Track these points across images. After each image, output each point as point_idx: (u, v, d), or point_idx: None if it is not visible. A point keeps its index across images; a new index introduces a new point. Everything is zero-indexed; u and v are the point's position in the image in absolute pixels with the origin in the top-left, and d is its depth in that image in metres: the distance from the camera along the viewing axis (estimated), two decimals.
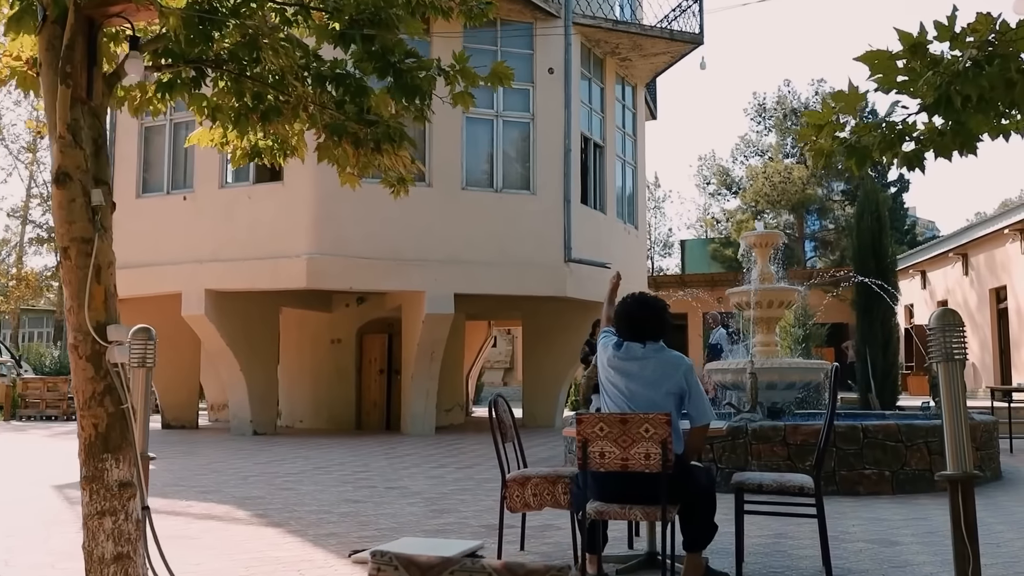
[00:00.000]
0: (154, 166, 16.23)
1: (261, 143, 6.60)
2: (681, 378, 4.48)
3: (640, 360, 4.53)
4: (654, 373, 4.48)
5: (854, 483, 7.97)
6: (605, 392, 4.63)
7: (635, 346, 4.58)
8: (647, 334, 4.59)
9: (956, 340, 4.08)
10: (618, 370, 4.54)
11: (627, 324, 4.67)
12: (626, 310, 4.72)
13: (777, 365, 9.40)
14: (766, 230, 11.16)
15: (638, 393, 4.48)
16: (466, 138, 15.31)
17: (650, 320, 4.64)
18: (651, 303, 4.75)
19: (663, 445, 4.18)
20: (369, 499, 7.87)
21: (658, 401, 4.44)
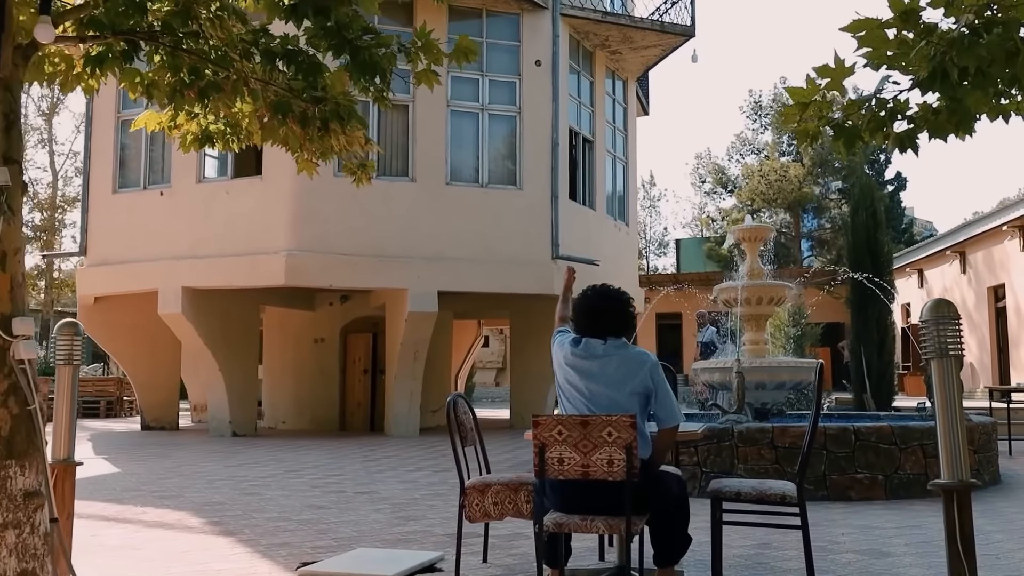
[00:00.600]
0: (131, 160, 15.82)
1: (212, 127, 6.21)
2: (646, 376, 4.08)
3: (601, 358, 4.13)
4: (617, 371, 4.08)
5: (845, 488, 7.58)
6: (563, 394, 4.23)
7: (595, 342, 4.19)
8: (609, 329, 4.20)
9: (951, 334, 3.68)
10: (577, 369, 4.14)
11: (586, 318, 4.27)
12: (586, 303, 4.32)
13: (766, 364, 9.00)
14: (756, 223, 10.76)
15: (599, 394, 4.08)
16: (450, 132, 14.91)
17: (611, 313, 4.25)
18: (613, 295, 4.35)
19: (628, 450, 3.78)
20: (335, 505, 7.47)
21: (621, 402, 4.05)
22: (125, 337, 16.78)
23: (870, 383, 14.06)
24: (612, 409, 4.02)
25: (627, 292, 4.43)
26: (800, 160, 35.81)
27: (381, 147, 14.58)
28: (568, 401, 4.19)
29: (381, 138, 14.63)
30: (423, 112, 14.69)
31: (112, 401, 22.73)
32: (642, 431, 4.10)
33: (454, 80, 14.97)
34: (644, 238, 45.91)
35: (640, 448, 4.03)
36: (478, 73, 15.14)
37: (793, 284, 9.70)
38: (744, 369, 8.36)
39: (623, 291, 4.41)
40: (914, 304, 25.48)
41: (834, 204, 36.48)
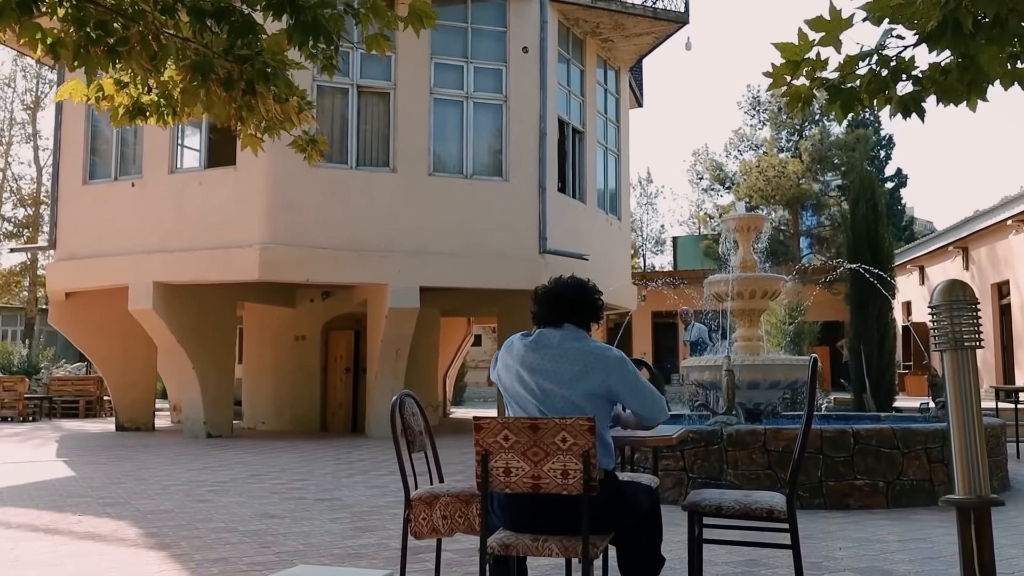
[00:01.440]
0: (101, 150, 15.23)
1: (144, 98, 5.63)
2: (608, 375, 3.50)
3: (556, 350, 3.55)
4: (573, 367, 3.50)
5: (843, 495, 7.00)
6: (511, 399, 3.64)
7: (551, 333, 3.61)
8: (568, 315, 3.63)
9: (967, 321, 3.11)
10: (528, 366, 3.55)
11: (544, 304, 3.70)
12: (547, 288, 3.76)
13: (759, 362, 8.41)
14: (749, 212, 10.17)
15: (553, 393, 3.50)
16: (433, 120, 14.32)
17: (576, 300, 3.67)
18: (579, 281, 3.79)
19: (585, 459, 3.20)
20: (289, 514, 6.89)
21: (578, 403, 3.47)
22: (98, 334, 16.20)
23: (870, 383, 13.48)
24: (568, 411, 3.44)
25: (597, 286, 3.87)
26: (799, 156, 35.21)
27: (363, 136, 14.04)
28: (518, 405, 3.60)
29: (360, 127, 14.06)
30: (405, 100, 14.10)
31: (92, 401, 22.13)
32: (604, 438, 3.53)
33: (437, 67, 14.39)
34: (641, 236, 45.33)
35: (601, 457, 3.46)
36: (463, 60, 14.56)
37: (787, 277, 9.12)
38: (735, 367, 7.78)
39: (591, 282, 3.85)
40: (915, 302, 24.89)
41: (833, 201, 35.88)
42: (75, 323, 16.14)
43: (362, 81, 14.02)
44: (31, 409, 20.69)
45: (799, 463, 3.92)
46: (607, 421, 3.60)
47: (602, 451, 3.47)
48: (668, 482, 7.22)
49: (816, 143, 34.84)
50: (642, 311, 30.94)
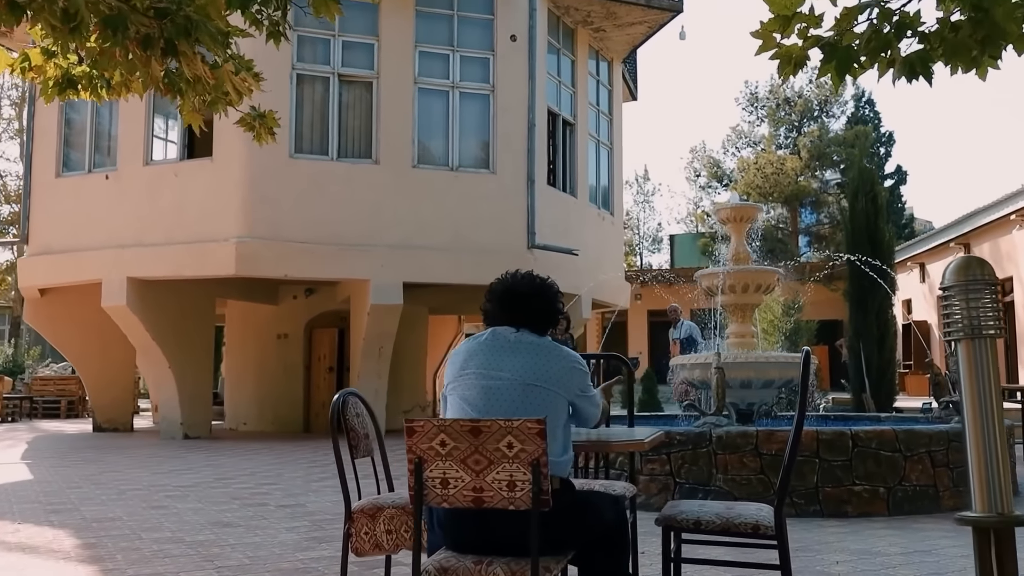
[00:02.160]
0: (75, 142, 14.74)
1: (75, 70, 5.16)
2: (567, 375, 3.07)
3: (511, 349, 3.09)
4: (527, 364, 3.04)
5: (841, 502, 6.51)
6: (462, 401, 3.16)
7: (505, 331, 3.16)
8: (525, 319, 3.18)
9: (986, 305, 2.64)
10: (477, 369, 3.09)
11: (498, 303, 3.24)
12: (502, 284, 3.29)
13: (752, 359, 7.93)
14: (741, 202, 9.69)
15: (503, 395, 3.02)
16: (418, 110, 13.83)
17: (531, 300, 3.22)
18: (537, 278, 3.33)
19: (535, 468, 2.71)
20: (246, 521, 6.40)
21: (532, 402, 3.00)
22: (74, 332, 15.72)
23: (870, 382, 12.99)
24: (520, 410, 2.97)
25: (556, 284, 3.40)
26: (797, 153, 34.74)
27: (344, 127, 13.55)
28: (466, 404, 3.13)
29: (342, 117, 13.58)
30: (388, 89, 13.61)
31: (74, 401, 21.64)
32: (562, 440, 3.06)
33: (422, 55, 13.90)
34: (637, 234, 44.83)
35: (556, 463, 2.98)
36: (448, 48, 14.07)
37: (782, 270, 8.65)
38: (725, 364, 7.29)
39: (551, 281, 3.38)
40: (916, 300, 24.43)
41: (833, 198, 35.40)
42: (51, 321, 15.66)
43: (344, 69, 13.53)
44: (10, 410, 20.19)
45: (789, 470, 3.43)
46: (565, 420, 3.12)
47: (557, 457, 2.99)
48: (653, 487, 6.75)
49: (815, 139, 34.38)
50: (638, 309, 30.48)
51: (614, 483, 4.23)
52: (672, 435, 6.75)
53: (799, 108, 36.55)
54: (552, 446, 2.97)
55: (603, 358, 4.76)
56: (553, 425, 2.99)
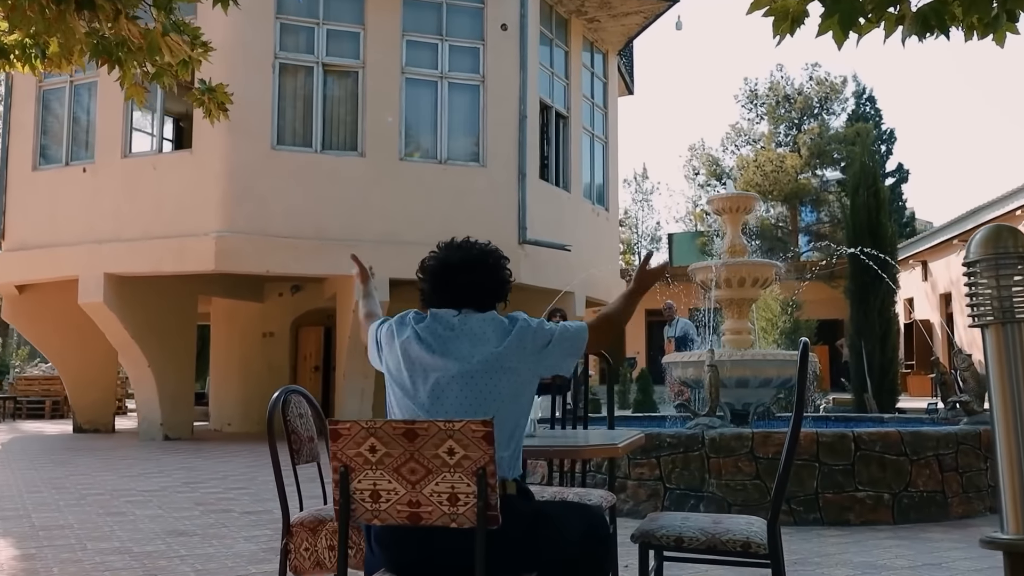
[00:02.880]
0: (53, 134, 14.30)
1: (6, 39, 4.75)
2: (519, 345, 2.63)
3: (454, 335, 2.66)
4: (475, 353, 2.61)
5: (843, 509, 6.07)
6: (395, 403, 2.72)
7: (446, 315, 2.70)
8: (466, 295, 2.71)
9: (1019, 283, 2.21)
10: (414, 360, 2.64)
11: (434, 280, 2.80)
12: (435, 259, 2.83)
13: (748, 357, 7.49)
14: (738, 191, 9.26)
15: (449, 389, 2.59)
16: (405, 101, 13.40)
17: (474, 271, 2.77)
18: (475, 246, 2.86)
19: (480, 478, 2.28)
20: (204, 530, 5.97)
21: (487, 399, 2.56)
22: (54, 331, 15.29)
23: (871, 381, 12.55)
24: (470, 409, 2.54)
25: (500, 250, 2.94)
26: (797, 150, 34.28)
27: (329, 118, 13.12)
28: (399, 409, 2.69)
29: (327, 108, 13.14)
30: (374, 79, 13.18)
31: (59, 401, 21.19)
32: (513, 439, 2.61)
33: (409, 44, 13.47)
34: (636, 232, 44.39)
35: (507, 467, 2.55)
36: (437, 37, 13.64)
37: (780, 263, 8.22)
38: (720, 362, 6.85)
39: (493, 246, 2.92)
40: (918, 299, 23.98)
41: (833, 197, 34.94)
42: (30, 319, 15.25)
43: (328, 59, 13.10)
44: None
45: (784, 480, 2.98)
46: (527, 410, 2.68)
47: (509, 459, 2.56)
48: (642, 493, 6.31)
49: (815, 137, 33.92)
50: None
51: (590, 491, 3.80)
52: (662, 437, 6.32)
53: (799, 105, 36.09)
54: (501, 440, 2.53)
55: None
56: (508, 415, 2.57)
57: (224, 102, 4.86)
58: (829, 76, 36.24)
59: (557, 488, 3.88)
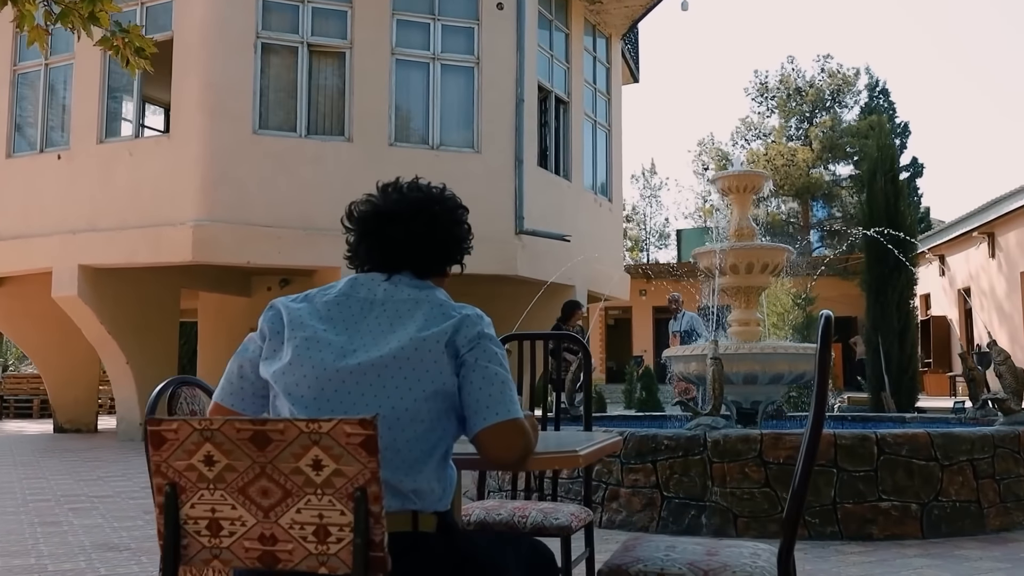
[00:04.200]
0: (27, 120, 13.66)
1: None
2: (450, 339, 1.89)
3: (370, 312, 1.93)
4: (388, 338, 1.88)
5: (864, 522, 5.34)
6: (282, 410, 1.98)
7: (371, 281, 1.99)
8: (404, 253, 2.01)
9: None
10: (310, 343, 1.89)
11: (363, 230, 2.07)
12: (369, 204, 2.10)
13: (756, 350, 6.76)
14: (746, 169, 8.52)
15: (347, 388, 1.85)
16: (395, 84, 12.68)
17: (416, 219, 2.05)
18: (425, 187, 2.13)
19: (360, 503, 1.57)
20: (140, 543, 5.27)
21: (399, 402, 1.84)
22: (32, 327, 14.68)
23: (889, 379, 11.79)
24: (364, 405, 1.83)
25: (456, 196, 2.21)
26: (809, 144, 33.50)
27: (314, 101, 12.46)
28: (293, 410, 1.94)
29: (312, 90, 12.45)
30: (362, 61, 12.47)
31: (47, 400, 20.55)
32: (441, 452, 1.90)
33: (400, 24, 12.76)
34: (644, 229, 43.62)
35: (427, 495, 1.84)
36: (429, 17, 12.93)
37: (793, 248, 7.48)
38: (725, 356, 6.12)
39: (448, 192, 2.20)
40: (935, 294, 23.16)
41: (846, 192, 34.14)
42: (8, 314, 14.64)
43: (313, 39, 12.41)
44: None
45: (802, 495, 2.27)
46: (442, 415, 1.95)
47: (429, 481, 1.85)
48: (637, 503, 5.59)
49: (827, 130, 33.13)
50: (643, 305, 29.37)
51: (559, 507, 3.09)
52: (659, 439, 5.60)
53: (810, 98, 35.30)
54: (417, 462, 1.83)
55: (551, 338, 3.60)
56: (420, 427, 1.85)
57: (144, 47, 4.15)
58: (841, 68, 35.46)
59: (520, 503, 3.17)
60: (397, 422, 1.81)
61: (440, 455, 1.88)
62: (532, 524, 2.94)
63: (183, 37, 12.12)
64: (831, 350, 2.16)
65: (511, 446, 1.89)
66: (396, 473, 1.79)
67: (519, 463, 1.97)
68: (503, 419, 1.86)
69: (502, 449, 1.89)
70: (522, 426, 1.89)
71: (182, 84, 12.06)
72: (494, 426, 1.86)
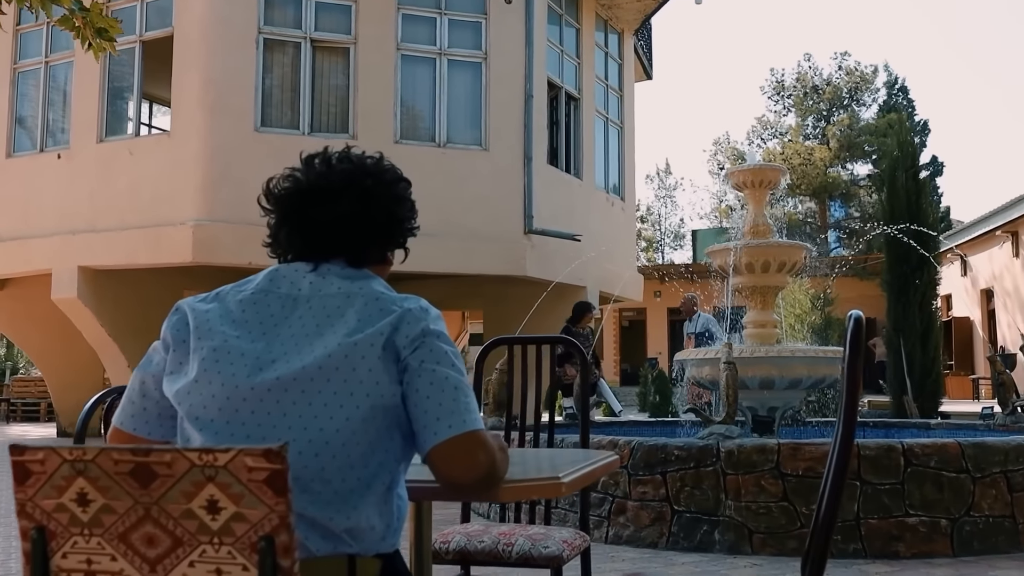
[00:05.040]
0: (27, 119, 13.43)
1: None
2: (388, 337, 1.55)
3: (296, 306, 1.61)
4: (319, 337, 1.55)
5: (890, 539, 4.96)
6: (186, 435, 1.64)
7: (294, 273, 1.68)
8: (332, 238, 1.68)
9: None
10: (219, 353, 1.56)
11: (289, 209, 1.73)
12: (291, 180, 1.75)
13: (773, 353, 6.39)
14: (761, 163, 8.15)
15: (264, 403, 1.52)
16: (400, 80, 12.38)
17: (343, 197, 1.69)
18: (350, 158, 1.78)
19: (264, 556, 1.23)
20: None
21: (327, 423, 1.50)
22: (34, 329, 14.46)
23: (912, 383, 11.36)
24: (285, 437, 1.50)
25: (395, 167, 1.86)
26: (826, 143, 33.01)
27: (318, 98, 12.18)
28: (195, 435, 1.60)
29: (315, 87, 12.17)
30: (367, 56, 12.18)
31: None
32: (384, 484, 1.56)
33: (405, 19, 12.46)
34: (659, 230, 43.20)
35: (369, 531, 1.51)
36: (435, 11, 12.62)
37: (811, 246, 7.10)
38: (740, 359, 5.76)
39: (387, 163, 1.82)
40: (956, 295, 22.66)
41: (863, 191, 33.63)
42: (11, 316, 14.43)
43: (317, 34, 12.12)
44: None
45: (829, 525, 1.91)
46: (402, 448, 1.61)
47: (371, 519, 1.51)
48: (645, 517, 5.24)
49: (844, 129, 32.63)
50: (657, 307, 28.98)
51: (551, 532, 2.75)
52: (669, 449, 5.25)
53: (828, 96, 34.81)
54: (353, 494, 1.50)
55: (551, 342, 3.26)
56: (356, 451, 1.51)
57: (106, 28, 3.83)
58: (859, 65, 34.95)
59: (507, 527, 2.83)
60: (326, 447, 1.48)
61: (383, 485, 1.54)
62: (518, 553, 2.60)
63: (183, 32, 11.86)
64: (862, 355, 1.81)
65: (471, 464, 1.54)
66: (326, 509, 1.46)
67: (484, 486, 1.62)
68: (458, 432, 1.52)
69: (460, 469, 1.55)
70: (482, 439, 1.55)
71: (182, 81, 11.80)
72: (448, 441, 1.52)
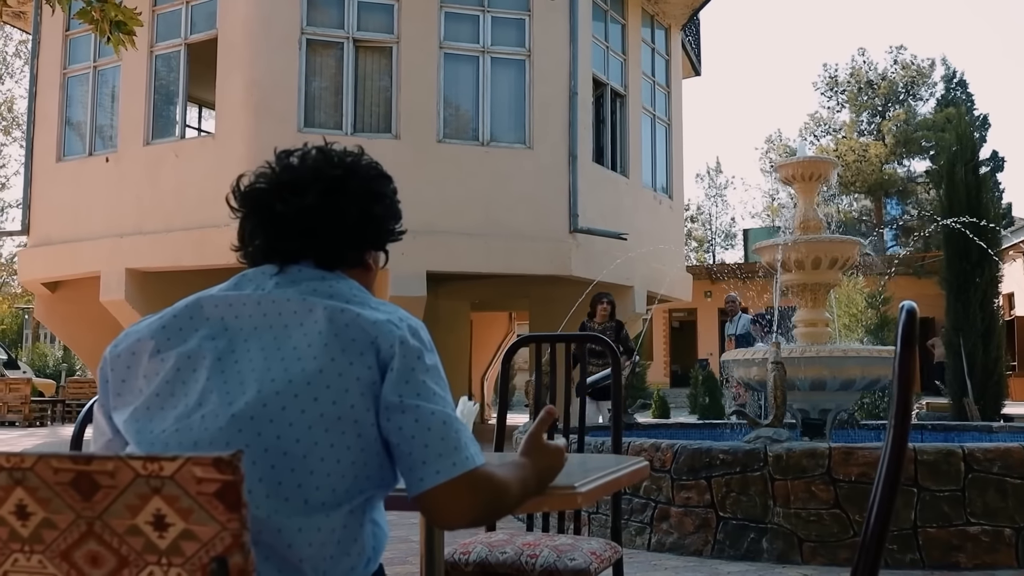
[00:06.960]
0: (77, 124, 13.60)
1: None
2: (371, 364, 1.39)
3: (259, 309, 1.45)
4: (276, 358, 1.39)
5: (950, 548, 4.69)
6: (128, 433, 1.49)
7: (261, 275, 1.51)
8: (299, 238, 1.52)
9: None
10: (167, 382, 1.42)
11: (258, 207, 1.58)
12: (261, 177, 1.60)
13: (825, 353, 6.12)
14: (811, 155, 7.87)
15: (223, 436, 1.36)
16: (444, 79, 12.27)
17: (309, 191, 1.53)
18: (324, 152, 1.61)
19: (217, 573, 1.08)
20: None
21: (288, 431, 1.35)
22: (86, 331, 14.59)
23: (972, 384, 10.95)
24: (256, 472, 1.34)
25: (375, 163, 1.68)
26: (882, 139, 32.25)
27: (360, 98, 12.13)
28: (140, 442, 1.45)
29: (358, 87, 12.12)
30: (409, 55, 12.10)
31: None
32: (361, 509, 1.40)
33: (448, 17, 12.35)
34: (710, 229, 42.66)
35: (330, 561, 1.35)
36: (478, 8, 12.49)
37: (865, 241, 6.82)
38: (789, 360, 5.51)
39: (366, 159, 1.66)
40: (1019, 293, 21.94)
41: (921, 188, 32.80)
42: (63, 319, 14.60)
43: (359, 34, 12.07)
44: (38, 414, 19.29)
45: (881, 533, 1.71)
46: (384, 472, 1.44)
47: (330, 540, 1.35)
48: (689, 524, 5.03)
49: (900, 124, 31.85)
50: (708, 307, 28.55)
51: (580, 542, 2.58)
52: (713, 453, 5.03)
53: (883, 91, 34.02)
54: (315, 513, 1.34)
55: (575, 340, 3.08)
56: (328, 471, 1.36)
57: (125, 20, 3.74)
58: (915, 59, 34.11)
59: (533, 537, 2.66)
60: (284, 457, 1.32)
61: (355, 505, 1.37)
62: (542, 566, 2.43)
63: (227, 35, 11.90)
64: (915, 350, 1.61)
65: (468, 507, 1.37)
66: (281, 534, 1.30)
67: (483, 523, 1.45)
68: (447, 478, 1.35)
69: (453, 515, 1.38)
70: (476, 480, 1.37)
71: (226, 83, 11.85)
72: (438, 487, 1.35)
